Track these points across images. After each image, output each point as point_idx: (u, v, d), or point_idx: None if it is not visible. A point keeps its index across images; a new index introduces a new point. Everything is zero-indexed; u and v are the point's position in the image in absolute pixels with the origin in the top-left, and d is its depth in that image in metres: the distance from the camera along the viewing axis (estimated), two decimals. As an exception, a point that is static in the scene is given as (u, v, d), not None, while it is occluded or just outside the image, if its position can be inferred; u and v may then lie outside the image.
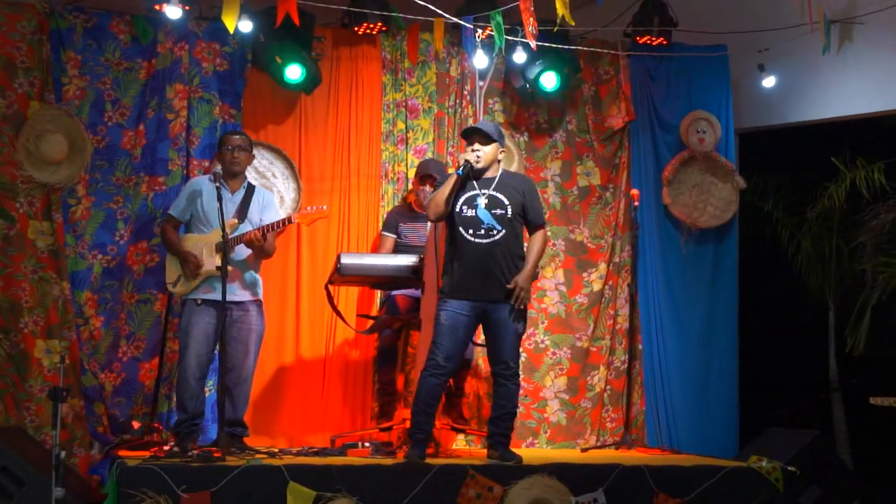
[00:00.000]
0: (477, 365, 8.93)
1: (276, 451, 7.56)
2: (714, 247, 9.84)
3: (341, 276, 8.03)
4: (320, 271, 8.78)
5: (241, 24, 8.08)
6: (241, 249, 7.73)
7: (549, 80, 9.20)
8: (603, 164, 9.68)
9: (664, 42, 9.53)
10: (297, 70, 8.61)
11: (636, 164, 9.73)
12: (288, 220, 7.79)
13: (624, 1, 9.53)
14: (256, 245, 7.64)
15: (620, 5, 9.52)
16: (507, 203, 7.37)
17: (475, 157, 7.33)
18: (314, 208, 7.85)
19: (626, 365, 9.37)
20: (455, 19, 8.32)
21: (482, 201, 7.34)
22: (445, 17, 8.09)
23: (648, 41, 9.52)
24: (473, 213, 7.33)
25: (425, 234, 8.16)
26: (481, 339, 7.93)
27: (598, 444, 9.19)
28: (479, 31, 8.58)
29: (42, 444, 7.66)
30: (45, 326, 8.13)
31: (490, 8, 8.05)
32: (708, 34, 9.70)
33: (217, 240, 7.62)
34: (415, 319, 8.19)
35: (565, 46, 9.06)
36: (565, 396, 9.39)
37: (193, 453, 7.03)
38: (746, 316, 9.98)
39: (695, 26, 9.59)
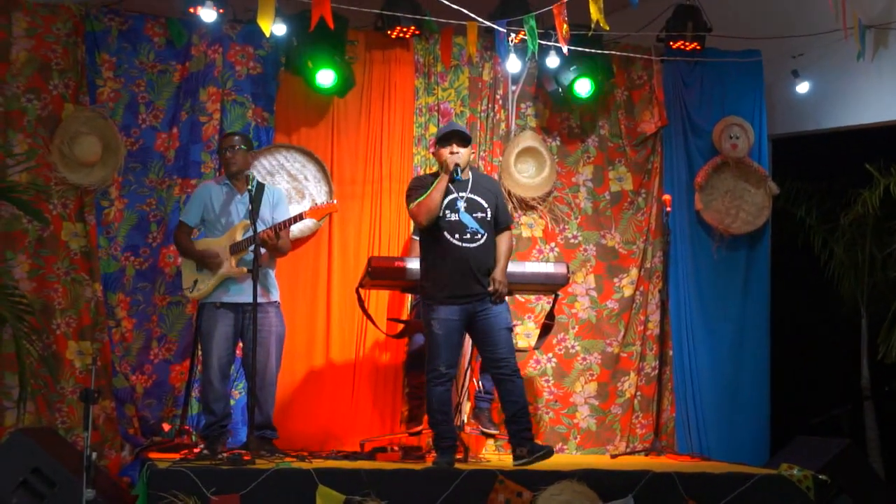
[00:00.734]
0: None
1: (305, 454, 7.57)
2: (746, 253, 9.81)
3: (372, 279, 8.03)
4: (351, 275, 8.78)
5: (274, 28, 8.10)
6: None
7: (584, 87, 9.20)
8: (635, 169, 9.66)
9: (697, 47, 9.50)
10: (328, 75, 8.63)
11: (668, 169, 9.70)
12: (299, 217, 7.77)
13: (658, 6, 9.50)
14: (269, 244, 7.63)
15: (654, 10, 9.49)
16: (486, 206, 7.39)
17: (459, 160, 7.32)
18: (324, 203, 7.84)
19: (657, 371, 9.33)
20: (488, 23, 8.32)
21: (462, 205, 7.34)
22: (479, 21, 8.08)
23: (682, 46, 9.49)
24: (457, 218, 7.31)
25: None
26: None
27: (628, 450, 9.16)
28: (513, 35, 8.57)
29: (73, 445, 7.73)
30: (78, 328, 8.18)
31: (524, 12, 8.05)
32: (742, 39, 9.67)
33: (230, 242, 7.64)
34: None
35: (599, 51, 9.04)
36: (595, 402, 9.37)
37: (223, 456, 7.05)
38: (778, 323, 9.93)
39: (728, 31, 9.55)
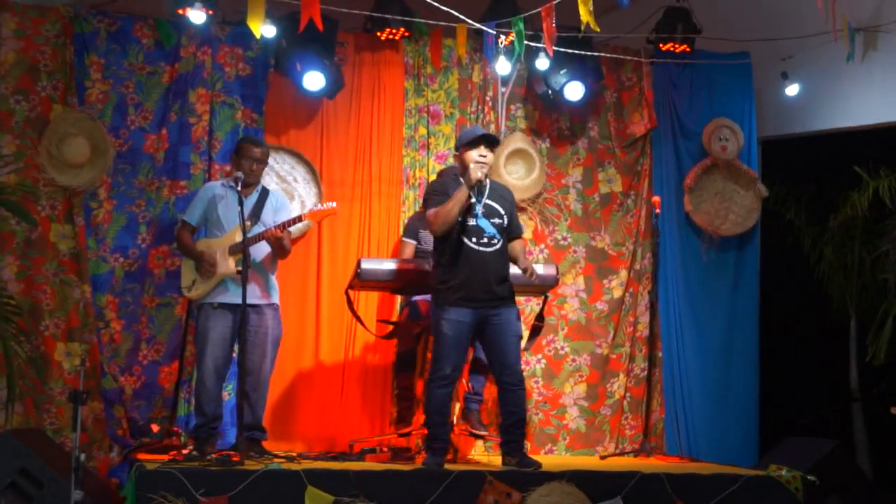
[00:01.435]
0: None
1: (294, 455, 7.57)
2: (735, 255, 9.82)
3: (361, 281, 8.03)
4: (340, 276, 8.79)
5: (264, 29, 8.07)
6: (257, 253, 7.73)
7: (575, 92, 9.20)
8: (625, 170, 9.67)
9: (687, 49, 9.51)
10: (315, 77, 8.61)
11: (658, 171, 9.72)
12: (298, 219, 7.78)
13: (647, 8, 9.52)
14: (275, 242, 7.64)
15: (644, 12, 9.51)
16: (503, 213, 7.44)
17: (485, 170, 7.33)
18: (323, 206, 7.85)
19: (646, 372, 9.34)
20: (478, 25, 8.32)
21: (480, 209, 7.37)
22: (468, 23, 8.09)
23: (671, 48, 9.49)
24: (475, 222, 7.34)
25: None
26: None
27: (617, 451, 9.17)
28: (502, 37, 8.58)
29: (61, 446, 7.72)
30: (66, 329, 8.17)
31: (513, 14, 8.05)
32: (731, 42, 9.69)
33: (231, 243, 7.66)
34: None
35: (588, 53, 9.05)
36: (585, 403, 9.38)
37: (212, 457, 7.05)
38: (767, 324, 9.95)
39: (718, 34, 9.57)
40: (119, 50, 8.53)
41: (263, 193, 7.94)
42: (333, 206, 7.81)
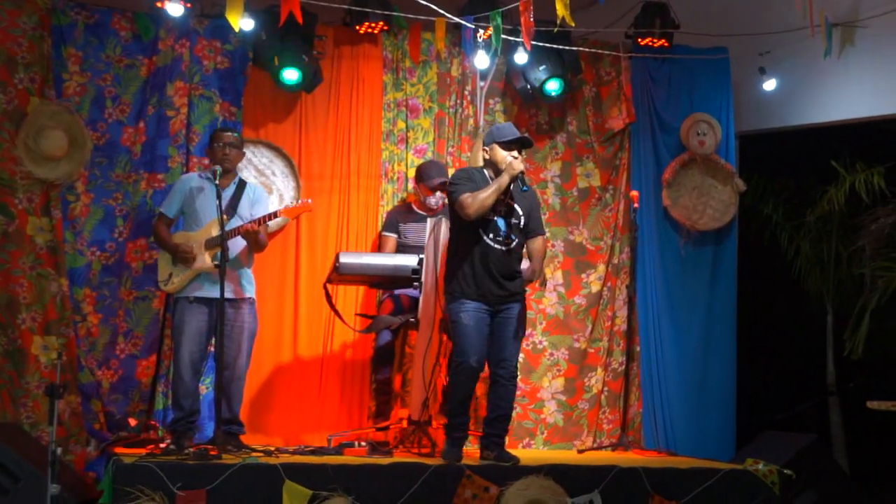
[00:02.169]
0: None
1: (272, 449, 7.55)
2: (713, 249, 9.84)
3: (340, 275, 8.04)
4: (319, 270, 8.78)
5: (242, 23, 8.04)
6: (234, 247, 7.71)
7: (554, 88, 9.22)
8: (603, 165, 9.68)
9: (665, 44, 9.54)
10: (293, 73, 8.60)
11: (636, 165, 9.73)
12: (273, 215, 7.76)
13: (626, 2, 9.53)
14: (252, 236, 7.63)
15: (622, 7, 9.52)
16: (521, 214, 7.47)
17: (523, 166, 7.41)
18: (298, 202, 7.84)
19: (624, 366, 9.36)
20: (457, 19, 8.32)
21: (500, 208, 7.39)
22: (447, 17, 8.09)
23: (650, 43, 9.52)
24: (495, 219, 7.38)
25: (425, 234, 8.15)
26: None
27: (595, 445, 9.19)
28: (481, 31, 8.58)
29: (38, 440, 7.68)
30: (43, 323, 8.13)
31: (491, 8, 8.05)
32: (709, 37, 9.71)
33: (207, 236, 7.64)
34: (413, 319, 8.18)
35: (567, 47, 9.06)
36: (562, 397, 9.39)
37: (190, 451, 7.03)
38: (745, 319, 9.98)
39: (696, 29, 9.59)
40: (97, 42, 8.49)
41: (241, 186, 7.92)
42: (309, 202, 7.80)
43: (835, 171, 10.10)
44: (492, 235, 7.36)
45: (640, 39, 9.52)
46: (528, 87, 9.23)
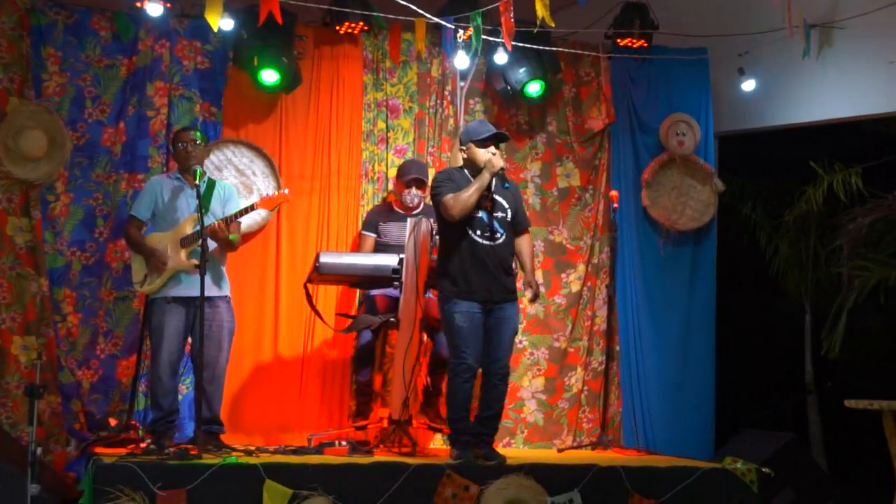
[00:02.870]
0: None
1: (252, 449, 7.54)
2: (692, 249, 9.87)
3: (320, 274, 8.04)
4: (299, 270, 8.77)
5: (222, 23, 8.04)
6: (208, 243, 7.68)
7: (535, 89, 9.26)
8: (583, 165, 9.71)
9: (645, 45, 9.58)
10: (271, 74, 8.61)
11: (616, 165, 9.76)
12: (251, 208, 7.72)
13: (605, 3, 9.56)
14: (220, 235, 7.61)
15: (602, 7, 9.55)
16: (507, 207, 7.48)
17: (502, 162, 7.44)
18: (275, 193, 7.83)
19: (604, 366, 9.40)
20: (436, 19, 8.34)
21: (485, 203, 7.41)
22: (427, 18, 8.10)
23: (629, 44, 9.56)
24: (479, 215, 7.39)
25: (405, 233, 8.16)
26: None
27: (575, 444, 9.21)
28: (461, 31, 8.59)
29: (18, 440, 7.65)
30: (23, 323, 8.11)
31: (471, 9, 8.07)
32: (688, 37, 9.75)
33: (181, 235, 7.62)
34: (393, 319, 8.19)
35: (546, 48, 9.09)
36: (542, 397, 9.41)
37: (170, 451, 7.02)
38: (724, 318, 10.01)
39: (675, 29, 9.63)
40: (76, 42, 8.48)
41: (210, 184, 7.88)
42: (286, 192, 7.78)
43: (813, 172, 10.16)
44: (479, 232, 7.37)
45: (619, 40, 9.57)
46: (509, 88, 9.25)
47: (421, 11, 8.01)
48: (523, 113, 9.63)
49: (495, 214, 7.43)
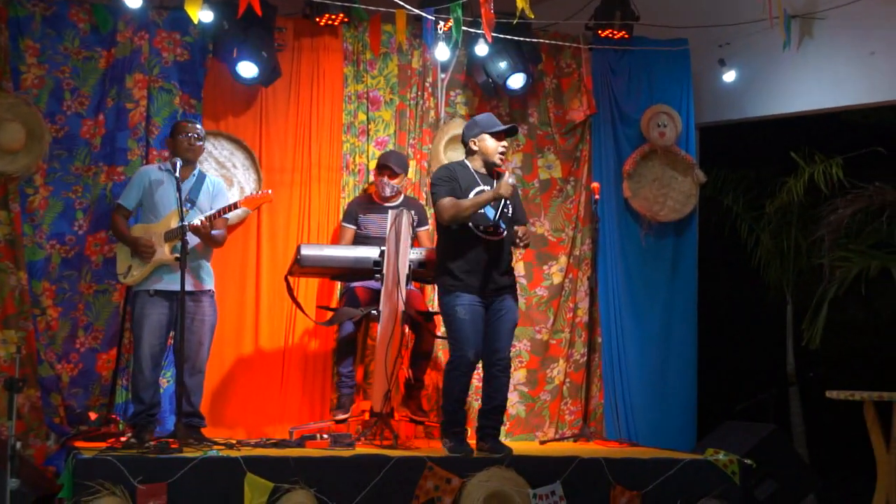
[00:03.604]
0: (437, 357, 8.93)
1: (233, 442, 7.54)
2: (674, 240, 9.86)
3: (301, 267, 8.03)
4: (280, 262, 8.76)
5: (201, 15, 8.02)
6: (192, 239, 7.65)
7: (516, 82, 9.25)
8: (564, 157, 9.70)
9: (625, 36, 9.56)
10: (250, 67, 8.58)
11: (597, 157, 9.74)
12: (234, 206, 7.73)
13: (586, -6, 9.56)
14: (202, 233, 7.59)
15: (582, -1, 9.56)
16: (509, 202, 7.46)
17: (513, 180, 7.38)
18: (259, 192, 7.83)
19: (586, 358, 9.40)
20: (417, 11, 8.32)
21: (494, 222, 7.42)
22: (407, 9, 8.08)
23: (610, 35, 9.54)
24: (482, 211, 7.37)
25: (385, 225, 8.14)
26: (441, 331, 7.99)
27: (557, 436, 9.21)
28: (441, 23, 8.57)
29: (-3, 434, 7.63)
30: (2, 316, 8.06)
31: (451, 0, 8.05)
32: (669, 28, 9.75)
33: (166, 228, 7.60)
34: (375, 311, 8.17)
35: (527, 39, 9.07)
36: (524, 389, 9.41)
37: (150, 444, 7.00)
38: (705, 309, 10.02)
39: (656, 20, 9.63)
40: (55, 34, 8.44)
41: (200, 178, 7.89)
42: (269, 192, 7.78)
43: (794, 163, 10.16)
44: (482, 227, 7.38)
45: (600, 31, 9.55)
46: (490, 80, 9.24)
47: (401, 3, 7.98)
48: (504, 104, 9.61)
49: (498, 210, 7.39)
